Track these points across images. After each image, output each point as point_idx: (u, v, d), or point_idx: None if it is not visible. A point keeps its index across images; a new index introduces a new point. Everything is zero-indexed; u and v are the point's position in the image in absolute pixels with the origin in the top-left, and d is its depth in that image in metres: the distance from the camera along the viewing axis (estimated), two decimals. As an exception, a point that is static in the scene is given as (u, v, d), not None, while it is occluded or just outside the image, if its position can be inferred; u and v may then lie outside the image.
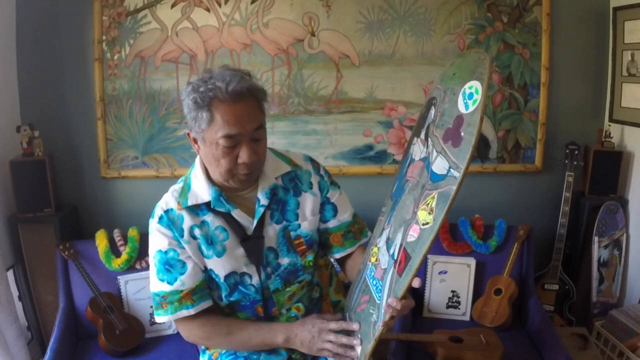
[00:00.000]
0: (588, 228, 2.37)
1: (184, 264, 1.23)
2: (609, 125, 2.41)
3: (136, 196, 2.46)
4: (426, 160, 1.05)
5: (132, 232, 2.22)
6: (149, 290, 1.30)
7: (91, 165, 2.44)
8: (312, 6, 2.33)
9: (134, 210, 2.44)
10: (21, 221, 2.22)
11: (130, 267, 2.16)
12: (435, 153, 1.01)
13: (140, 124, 2.40)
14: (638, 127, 2.27)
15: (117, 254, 2.17)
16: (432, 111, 1.08)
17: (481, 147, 2.47)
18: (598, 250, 2.35)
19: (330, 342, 1.19)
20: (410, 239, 1.02)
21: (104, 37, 2.33)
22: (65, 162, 2.42)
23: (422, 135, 1.11)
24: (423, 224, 1.00)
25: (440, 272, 2.26)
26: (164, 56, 2.36)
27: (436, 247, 2.29)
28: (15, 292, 2.18)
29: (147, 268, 2.14)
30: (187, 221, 1.23)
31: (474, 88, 0.95)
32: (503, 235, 2.26)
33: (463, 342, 1.93)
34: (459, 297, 2.25)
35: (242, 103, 1.11)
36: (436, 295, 2.26)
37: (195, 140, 1.19)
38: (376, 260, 1.16)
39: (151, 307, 2.14)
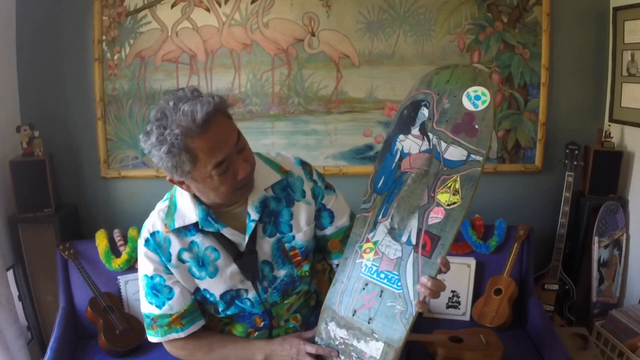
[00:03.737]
0: (588, 228, 2.37)
1: (170, 289, 1.20)
2: (609, 125, 2.41)
3: (136, 196, 2.46)
4: (433, 151, 1.18)
5: (132, 232, 2.22)
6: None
7: (91, 165, 2.44)
8: (312, 6, 2.33)
9: (134, 210, 2.44)
10: (21, 221, 2.22)
11: (130, 267, 2.16)
12: (444, 144, 1.16)
13: (140, 124, 2.40)
14: (638, 127, 2.27)
15: (117, 254, 2.17)
16: (425, 111, 1.22)
17: (481, 147, 2.47)
18: (598, 250, 2.35)
19: None
20: (433, 221, 1.12)
21: (104, 37, 2.33)
22: (65, 162, 2.42)
23: (415, 132, 1.23)
24: (448, 204, 1.11)
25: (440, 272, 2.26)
26: (164, 56, 2.36)
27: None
28: (15, 292, 2.18)
29: (147, 268, 2.14)
30: (175, 245, 1.18)
31: (480, 91, 1.15)
32: (503, 235, 2.26)
33: (463, 342, 1.93)
34: (459, 297, 2.25)
35: (214, 125, 1.02)
36: (436, 295, 2.26)
37: (181, 183, 1.11)
38: (375, 254, 1.19)
39: (151, 307, 2.15)
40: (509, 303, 2.15)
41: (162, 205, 1.23)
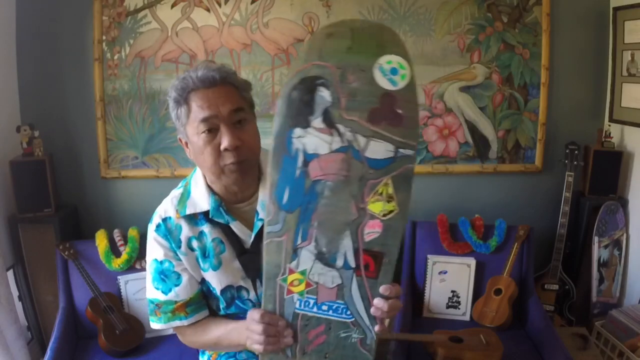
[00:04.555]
0: (588, 228, 2.37)
1: (179, 275, 1.21)
2: (609, 125, 2.41)
3: (136, 196, 2.46)
4: (349, 149, 0.95)
5: (132, 232, 2.22)
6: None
7: (91, 165, 2.44)
8: (312, 6, 2.33)
9: (134, 210, 2.44)
10: (21, 221, 2.21)
11: (130, 267, 2.16)
12: (362, 139, 0.94)
13: (140, 124, 2.40)
14: (638, 127, 2.27)
15: (117, 254, 2.17)
16: (326, 93, 0.95)
17: (481, 147, 2.47)
18: (598, 250, 2.35)
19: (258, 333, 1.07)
20: (370, 237, 0.97)
21: (104, 37, 2.33)
22: (65, 162, 2.42)
23: (318, 123, 0.96)
24: (384, 215, 0.95)
25: (440, 272, 2.26)
26: (164, 56, 2.36)
27: (436, 247, 2.29)
28: (15, 292, 2.18)
29: (147, 268, 2.14)
30: (185, 232, 1.20)
31: (396, 62, 0.91)
32: (503, 235, 2.26)
33: (463, 342, 1.93)
34: (459, 297, 2.25)
35: (216, 88, 1.09)
36: (436, 295, 2.26)
37: (186, 144, 1.17)
38: (307, 286, 1.02)
39: (151, 307, 2.15)
40: (509, 303, 2.15)
41: (175, 192, 1.25)
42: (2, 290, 2.01)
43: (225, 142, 1.09)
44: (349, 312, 1.02)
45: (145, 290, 2.10)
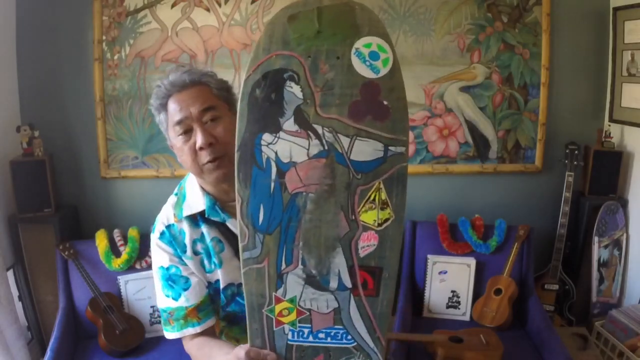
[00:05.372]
0: (588, 228, 2.37)
1: (187, 279, 1.21)
2: (609, 125, 2.41)
3: (136, 196, 2.46)
4: (331, 153, 0.83)
5: (132, 232, 2.22)
6: (150, 291, 1.29)
7: (91, 165, 2.44)
8: (312, 6, 2.33)
9: (134, 210, 2.44)
10: (21, 221, 2.21)
11: (130, 267, 2.16)
12: (345, 139, 0.82)
13: (140, 124, 2.40)
14: (638, 127, 2.27)
15: (117, 254, 2.17)
16: (296, 88, 0.82)
17: (481, 147, 2.47)
18: (598, 250, 2.35)
19: None
20: (366, 251, 0.87)
21: (104, 37, 2.33)
22: (65, 162, 2.42)
23: (290, 126, 0.83)
24: (379, 224, 0.85)
25: (440, 272, 2.26)
26: (164, 56, 2.36)
27: (436, 247, 2.29)
28: (15, 292, 2.18)
29: (147, 268, 2.14)
30: (189, 235, 1.20)
31: (375, 45, 0.79)
32: (503, 235, 2.26)
33: (463, 342, 1.93)
34: (459, 297, 2.25)
35: (187, 90, 1.11)
36: (436, 295, 2.26)
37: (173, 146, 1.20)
38: (299, 314, 0.92)
39: (151, 307, 2.15)
40: (509, 303, 2.15)
41: (172, 199, 1.26)
42: (2, 290, 2.01)
43: (198, 140, 1.10)
44: (349, 337, 0.93)
45: (145, 291, 2.15)
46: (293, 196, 0.86)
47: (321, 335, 0.92)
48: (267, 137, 0.84)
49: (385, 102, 0.80)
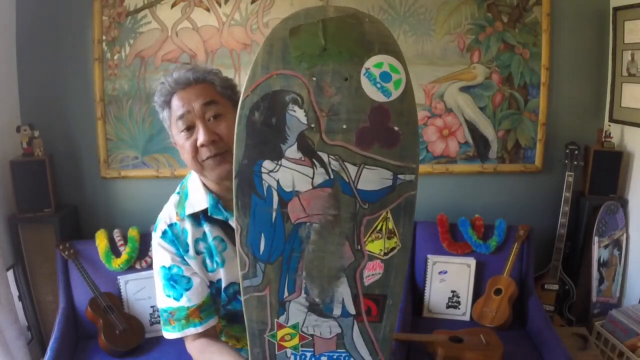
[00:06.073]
0: (588, 228, 2.37)
1: (189, 279, 1.20)
2: (609, 125, 2.41)
3: (136, 196, 2.46)
4: (336, 182, 0.79)
5: (132, 232, 2.22)
6: (150, 291, 1.28)
7: (91, 165, 2.44)
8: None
9: (134, 210, 2.44)
10: (21, 221, 2.21)
11: (130, 267, 2.16)
12: (352, 167, 0.77)
13: (140, 124, 2.40)
14: (638, 127, 2.27)
15: (117, 254, 2.17)
16: (299, 113, 0.76)
17: (481, 147, 2.47)
18: (598, 250, 2.35)
19: None
20: (370, 280, 0.85)
21: (104, 37, 2.33)
22: (65, 162, 2.42)
23: (293, 153, 0.78)
24: (385, 253, 0.83)
25: (440, 272, 2.26)
26: (164, 56, 2.36)
27: (436, 247, 2.29)
28: (15, 292, 2.18)
29: (147, 268, 2.14)
30: (191, 234, 1.19)
31: (387, 65, 0.75)
32: (503, 235, 2.26)
33: (463, 342, 1.93)
34: (459, 297, 2.25)
35: (190, 88, 1.12)
36: (436, 295, 2.26)
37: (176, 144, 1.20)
38: (302, 339, 0.91)
39: (151, 307, 2.15)
40: (509, 303, 2.15)
41: (174, 198, 1.26)
42: (2, 290, 2.01)
43: (200, 137, 1.10)
44: None
45: (145, 291, 2.15)
46: (296, 226, 0.83)
47: (323, 358, 0.92)
48: (267, 164, 0.80)
49: (395, 128, 0.75)
